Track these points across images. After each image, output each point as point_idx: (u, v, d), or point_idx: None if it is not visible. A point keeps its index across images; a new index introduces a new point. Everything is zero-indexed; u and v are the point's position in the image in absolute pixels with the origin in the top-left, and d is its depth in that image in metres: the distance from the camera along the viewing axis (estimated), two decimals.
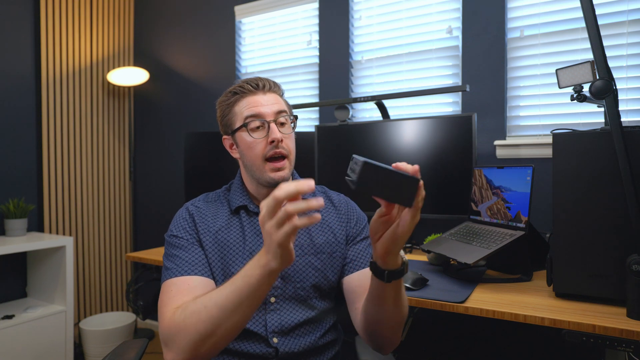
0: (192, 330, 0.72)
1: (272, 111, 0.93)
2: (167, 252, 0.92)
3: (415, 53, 2.00)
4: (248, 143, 0.93)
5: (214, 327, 0.71)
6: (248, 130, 0.93)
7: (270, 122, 0.92)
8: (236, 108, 0.95)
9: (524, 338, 1.69)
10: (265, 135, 0.92)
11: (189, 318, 0.74)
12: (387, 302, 0.77)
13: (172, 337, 0.75)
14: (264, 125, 0.92)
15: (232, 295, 0.70)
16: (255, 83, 0.94)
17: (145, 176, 2.93)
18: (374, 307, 0.80)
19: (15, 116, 2.36)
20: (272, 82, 0.97)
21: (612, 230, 1.05)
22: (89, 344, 2.34)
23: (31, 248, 2.10)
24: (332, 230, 1.00)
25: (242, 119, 0.93)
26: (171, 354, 0.75)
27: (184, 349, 0.73)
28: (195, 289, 0.84)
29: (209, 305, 0.72)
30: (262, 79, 0.96)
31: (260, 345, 0.90)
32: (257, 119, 0.92)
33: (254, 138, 0.92)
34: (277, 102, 0.95)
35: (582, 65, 1.11)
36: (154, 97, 2.88)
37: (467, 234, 1.40)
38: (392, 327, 0.83)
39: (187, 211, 0.98)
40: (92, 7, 2.71)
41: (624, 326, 0.93)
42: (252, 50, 2.50)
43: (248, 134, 0.93)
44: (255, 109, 0.93)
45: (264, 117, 0.92)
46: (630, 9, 1.57)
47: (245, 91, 0.94)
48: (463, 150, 1.62)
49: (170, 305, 0.80)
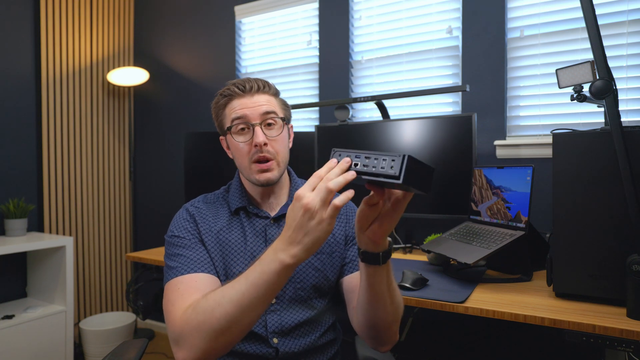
0: (207, 327, 0.72)
1: (257, 113, 0.92)
2: (169, 252, 0.92)
3: (415, 53, 2.00)
4: (235, 145, 0.94)
5: (229, 323, 0.71)
6: (233, 133, 0.93)
7: (255, 125, 0.92)
8: (226, 110, 0.95)
9: (524, 338, 1.69)
10: (250, 138, 0.92)
11: (201, 315, 0.73)
12: (382, 287, 0.78)
13: (185, 335, 0.74)
14: (249, 128, 0.92)
15: (248, 292, 0.69)
16: (242, 85, 0.94)
17: (145, 176, 2.93)
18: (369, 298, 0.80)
19: (15, 116, 2.36)
20: (262, 83, 0.95)
21: (612, 230, 1.05)
22: (89, 344, 2.34)
23: (31, 248, 2.10)
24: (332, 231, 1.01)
25: (230, 122, 0.94)
26: (183, 352, 0.74)
27: (199, 346, 0.72)
28: (203, 287, 0.83)
29: (224, 302, 0.71)
30: (252, 80, 0.95)
31: (261, 345, 0.90)
32: (242, 122, 0.92)
33: (238, 141, 0.93)
34: (266, 103, 0.94)
35: (582, 65, 1.11)
36: (154, 97, 2.88)
37: (467, 234, 1.40)
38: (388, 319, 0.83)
39: (187, 212, 0.97)
40: (92, 7, 2.71)
41: (624, 326, 0.93)
42: (252, 50, 2.50)
43: (233, 137, 0.94)
44: (240, 111, 0.93)
45: (248, 120, 0.92)
46: (630, 9, 1.57)
47: (232, 93, 0.94)
48: (463, 150, 1.62)
49: (180, 304, 0.79)
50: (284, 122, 0.96)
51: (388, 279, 0.78)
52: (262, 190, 0.98)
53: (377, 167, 0.63)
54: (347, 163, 0.65)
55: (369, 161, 0.64)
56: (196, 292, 0.81)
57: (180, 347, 0.74)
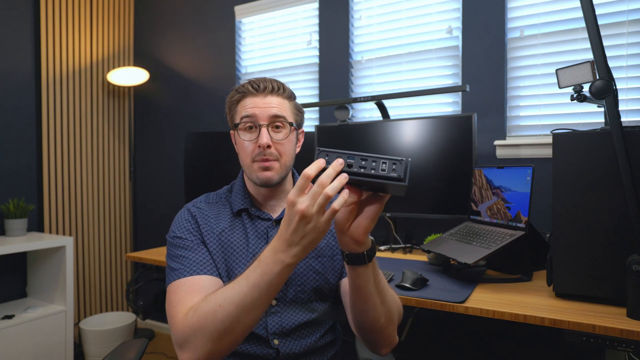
0: (209, 329, 0.72)
1: (266, 115, 0.92)
2: (171, 252, 0.92)
3: (415, 53, 2.00)
4: (240, 142, 0.95)
5: (232, 324, 0.71)
6: (239, 130, 0.94)
7: (262, 126, 0.92)
8: (238, 107, 0.96)
9: (524, 338, 1.69)
10: (256, 137, 0.93)
11: (203, 318, 0.73)
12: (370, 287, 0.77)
13: (188, 338, 0.74)
14: (256, 128, 0.93)
15: (250, 293, 0.70)
16: (257, 84, 0.94)
17: (145, 176, 2.93)
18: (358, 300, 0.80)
19: (15, 116, 2.36)
20: (276, 85, 0.96)
21: (612, 230, 1.05)
22: (89, 344, 2.34)
23: (31, 248, 2.10)
24: (333, 233, 1.00)
25: (239, 119, 0.94)
26: (187, 355, 0.74)
27: (202, 348, 0.73)
28: (206, 289, 0.83)
29: (225, 304, 0.71)
30: (268, 80, 0.95)
31: (261, 346, 0.90)
32: (250, 121, 0.93)
33: (244, 139, 0.94)
34: (277, 105, 0.94)
35: (582, 65, 1.11)
36: (154, 97, 2.88)
37: (467, 234, 1.40)
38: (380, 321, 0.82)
39: (189, 212, 0.97)
40: (92, 7, 2.71)
41: (624, 326, 0.93)
42: (252, 50, 2.50)
43: (239, 134, 0.94)
44: (250, 110, 0.93)
45: (256, 119, 0.92)
46: (630, 9, 1.57)
47: (246, 91, 0.95)
48: (463, 150, 1.62)
49: (182, 307, 0.79)
50: (292, 126, 0.96)
51: (375, 278, 0.78)
52: (264, 192, 0.98)
53: (377, 170, 0.63)
54: (340, 165, 0.63)
55: (366, 163, 0.64)
56: (198, 294, 0.81)
57: (184, 350, 0.75)
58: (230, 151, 2.12)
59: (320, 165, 0.63)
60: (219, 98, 2.57)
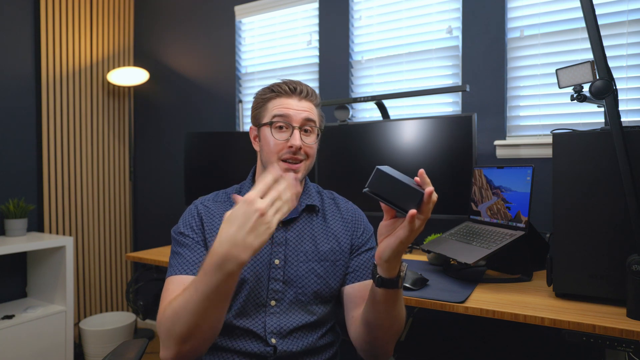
0: (173, 333, 0.75)
1: (300, 117, 0.95)
2: (173, 248, 0.95)
3: (415, 53, 2.00)
4: (268, 140, 0.96)
5: (190, 331, 0.74)
6: (272, 128, 0.95)
7: (295, 128, 0.94)
8: (269, 105, 0.98)
9: (524, 338, 1.69)
10: (287, 138, 0.95)
11: (169, 322, 0.76)
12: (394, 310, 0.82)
13: (161, 336, 0.79)
14: (288, 128, 0.95)
15: (201, 302, 0.71)
16: (293, 86, 0.97)
17: (145, 176, 2.93)
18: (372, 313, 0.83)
19: (15, 116, 2.36)
20: (311, 90, 0.99)
21: (612, 230, 1.05)
22: (89, 344, 2.34)
23: (31, 248, 2.10)
24: (337, 238, 1.01)
25: (270, 117, 0.96)
26: (162, 351, 0.79)
27: (171, 348, 0.77)
28: None
29: (182, 312, 0.74)
30: (303, 84, 0.99)
31: (259, 344, 0.90)
32: (283, 121, 0.95)
33: (275, 138, 0.95)
34: (309, 110, 0.97)
35: (582, 65, 1.11)
36: (154, 97, 2.88)
37: (467, 234, 1.40)
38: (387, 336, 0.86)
39: (197, 209, 0.99)
40: (92, 7, 2.71)
41: (624, 326, 0.93)
42: (252, 50, 2.50)
43: (271, 132, 0.95)
44: (284, 110, 0.95)
45: (290, 120, 0.95)
46: (630, 9, 1.57)
47: (282, 92, 0.97)
48: (463, 150, 1.62)
49: (164, 303, 0.82)
50: (319, 131, 1.00)
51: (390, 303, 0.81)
52: None
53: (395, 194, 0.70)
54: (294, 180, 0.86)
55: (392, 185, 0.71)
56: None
57: (161, 346, 0.79)
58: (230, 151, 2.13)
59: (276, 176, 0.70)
60: (219, 98, 2.57)
